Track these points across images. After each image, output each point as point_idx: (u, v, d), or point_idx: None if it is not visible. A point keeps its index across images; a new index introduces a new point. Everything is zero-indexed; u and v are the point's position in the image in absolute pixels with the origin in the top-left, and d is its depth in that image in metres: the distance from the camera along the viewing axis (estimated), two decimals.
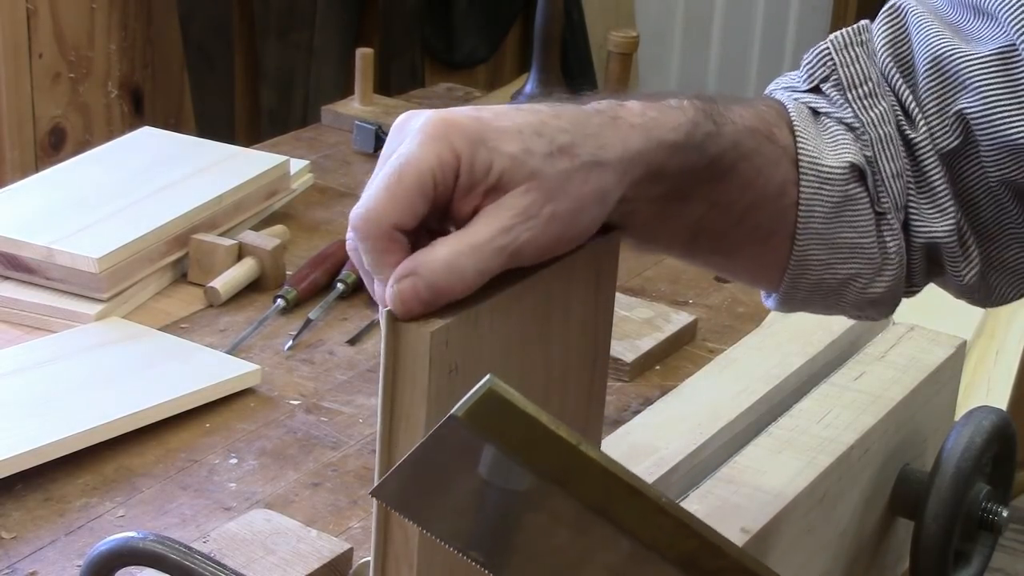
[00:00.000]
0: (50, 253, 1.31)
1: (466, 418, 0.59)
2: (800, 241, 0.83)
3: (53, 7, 1.91)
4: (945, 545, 1.03)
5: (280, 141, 1.82)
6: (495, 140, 0.69)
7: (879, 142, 0.83)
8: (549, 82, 1.71)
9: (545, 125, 0.71)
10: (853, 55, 0.85)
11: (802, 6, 3.62)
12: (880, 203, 0.83)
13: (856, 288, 0.85)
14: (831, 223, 0.83)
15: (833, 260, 0.84)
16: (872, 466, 1.04)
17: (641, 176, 0.74)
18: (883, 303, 0.88)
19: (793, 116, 0.83)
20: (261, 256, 1.40)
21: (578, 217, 0.71)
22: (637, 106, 0.75)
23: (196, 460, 1.13)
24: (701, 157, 0.77)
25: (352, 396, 1.23)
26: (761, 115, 0.82)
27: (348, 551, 0.96)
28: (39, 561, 0.99)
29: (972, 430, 1.03)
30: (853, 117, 0.84)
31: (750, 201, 0.81)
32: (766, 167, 0.81)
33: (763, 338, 1.14)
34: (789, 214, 0.82)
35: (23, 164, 1.89)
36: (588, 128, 0.72)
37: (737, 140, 0.79)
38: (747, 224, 0.82)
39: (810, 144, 0.82)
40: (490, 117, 0.70)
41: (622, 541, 0.64)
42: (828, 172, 0.82)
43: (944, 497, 1.02)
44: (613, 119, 0.73)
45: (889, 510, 1.09)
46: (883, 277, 0.85)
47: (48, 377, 1.19)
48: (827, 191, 0.82)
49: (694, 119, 0.76)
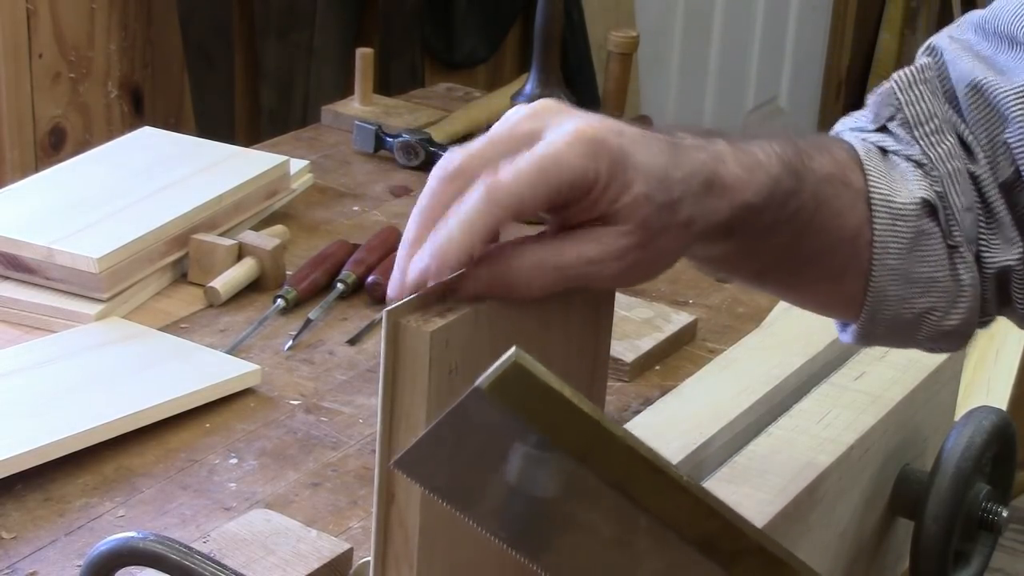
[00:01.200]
0: (50, 253, 1.31)
1: (490, 390, 0.59)
2: (875, 278, 0.84)
3: (53, 7, 1.90)
4: (945, 545, 1.03)
5: (280, 141, 1.82)
6: (630, 175, 0.71)
7: (948, 177, 0.85)
8: (549, 82, 1.71)
9: (667, 173, 0.73)
10: (917, 93, 0.87)
11: (802, 6, 3.62)
12: (952, 237, 0.85)
13: (932, 321, 0.86)
14: (905, 259, 0.84)
15: (909, 295, 0.85)
16: (872, 466, 1.04)
17: (718, 234, 0.77)
18: (958, 335, 0.89)
19: (863, 157, 0.85)
20: (261, 256, 1.40)
21: (654, 267, 0.75)
22: (731, 160, 0.77)
23: (196, 460, 1.13)
24: (781, 212, 0.79)
25: (352, 396, 1.23)
26: (837, 160, 0.84)
27: (348, 551, 0.96)
28: (39, 561, 0.99)
29: (972, 430, 1.03)
30: (921, 154, 0.85)
31: (826, 245, 0.83)
32: (843, 211, 0.82)
33: (763, 338, 1.14)
34: (863, 253, 0.84)
35: (23, 164, 1.88)
36: (693, 186, 0.74)
37: (817, 191, 0.81)
38: (821, 264, 0.84)
39: (881, 183, 0.84)
40: (631, 147, 0.72)
41: (640, 518, 0.64)
42: (900, 209, 0.84)
43: (944, 497, 1.02)
44: (710, 180, 0.75)
45: (889, 510, 1.09)
46: (958, 309, 0.86)
47: (48, 377, 1.19)
48: (901, 227, 0.84)
49: (778, 177, 0.78)
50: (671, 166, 0.73)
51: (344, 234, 1.52)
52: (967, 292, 0.86)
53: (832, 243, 0.83)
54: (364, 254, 1.43)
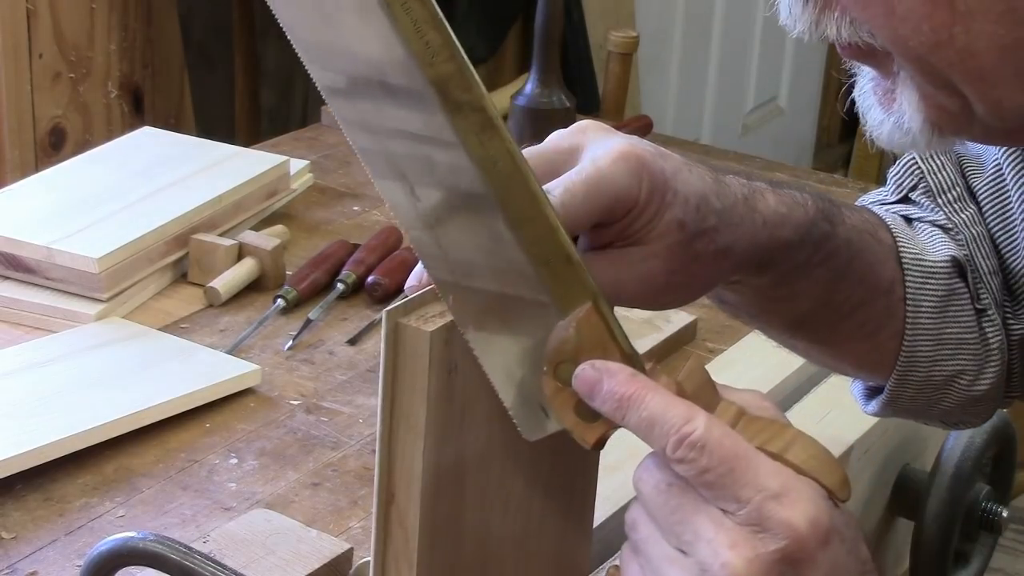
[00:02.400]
0: (50, 253, 1.31)
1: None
2: (909, 336, 0.84)
3: (53, 7, 1.90)
4: (945, 545, 1.03)
5: (280, 141, 1.82)
6: (668, 199, 0.72)
7: (973, 241, 0.86)
8: (549, 82, 1.71)
9: (706, 201, 0.73)
10: (939, 163, 0.88)
11: None
12: (980, 300, 0.86)
13: (961, 385, 0.87)
14: (937, 318, 0.85)
15: (940, 356, 0.85)
16: (872, 466, 1.04)
17: (752, 267, 0.77)
18: (987, 400, 0.89)
19: (888, 221, 0.86)
20: (261, 256, 1.40)
21: (684, 293, 0.75)
22: (772, 200, 0.77)
23: (196, 460, 1.13)
24: (815, 254, 0.79)
25: (352, 396, 1.23)
26: (865, 217, 0.85)
27: (348, 551, 0.96)
28: (39, 561, 1.00)
29: (972, 430, 1.03)
30: (946, 219, 0.87)
31: (860, 298, 0.83)
32: (876, 264, 0.84)
33: (763, 338, 1.14)
34: (897, 310, 0.84)
35: (23, 164, 1.88)
36: (733, 217, 0.74)
37: (850, 238, 0.82)
38: (856, 319, 0.84)
39: (910, 244, 0.85)
40: (672, 172, 0.72)
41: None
42: (931, 266, 0.85)
43: (944, 497, 1.02)
44: (751, 212, 0.76)
45: (889, 510, 1.09)
46: (987, 373, 0.87)
47: (48, 377, 1.19)
48: (932, 285, 0.85)
49: (814, 219, 0.79)
50: (711, 194, 0.73)
51: (344, 234, 1.52)
52: (995, 356, 0.86)
53: (867, 296, 0.83)
54: (364, 254, 1.43)
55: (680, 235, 0.72)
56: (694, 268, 0.73)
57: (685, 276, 0.73)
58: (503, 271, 0.65)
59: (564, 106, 1.71)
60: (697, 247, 0.73)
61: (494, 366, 0.67)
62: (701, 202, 0.73)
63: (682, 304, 0.77)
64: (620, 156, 0.70)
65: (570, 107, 1.71)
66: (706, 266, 0.74)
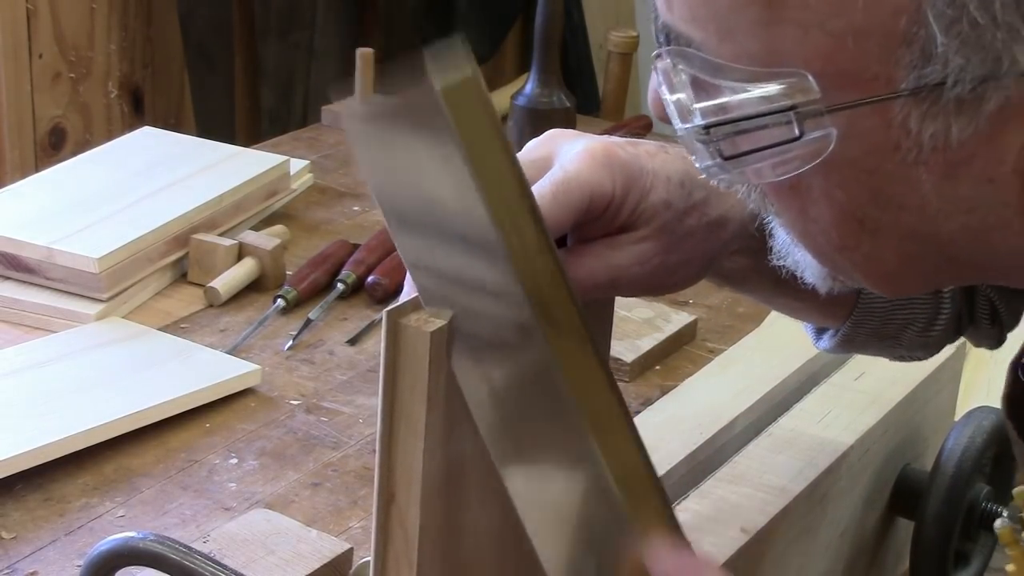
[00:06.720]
0: (50, 253, 1.31)
1: (444, 91, 0.60)
2: (865, 292, 0.84)
3: (53, 7, 1.90)
4: (945, 545, 1.03)
5: (280, 141, 1.82)
6: (648, 181, 0.72)
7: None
8: (549, 82, 1.71)
9: (689, 176, 0.74)
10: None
11: None
12: None
13: (914, 332, 0.88)
14: None
15: (894, 306, 0.86)
16: (872, 466, 1.04)
17: (751, 234, 0.77)
18: (934, 346, 0.91)
19: None
20: (261, 256, 1.40)
21: (682, 273, 0.75)
22: None
23: (196, 460, 1.13)
24: None
25: (352, 396, 1.23)
26: None
27: (348, 551, 0.96)
28: (39, 561, 0.99)
29: (972, 430, 1.03)
30: None
31: None
32: None
33: (763, 338, 1.14)
34: None
35: (23, 164, 1.88)
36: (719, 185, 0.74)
37: None
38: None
39: None
40: (644, 157, 0.73)
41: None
42: None
43: (944, 497, 1.02)
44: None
45: (889, 510, 1.09)
46: (939, 322, 0.88)
47: (48, 377, 1.19)
48: None
49: None
50: (693, 169, 0.74)
51: (344, 234, 1.52)
52: (947, 304, 0.87)
53: None
54: (364, 254, 1.43)
55: (668, 214, 0.73)
56: (689, 244, 0.74)
57: (682, 254, 0.74)
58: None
59: (564, 106, 1.71)
60: (689, 223, 0.74)
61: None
62: (684, 178, 0.73)
63: (688, 285, 0.77)
64: (587, 154, 0.71)
65: (570, 107, 1.71)
66: (702, 240, 0.75)
